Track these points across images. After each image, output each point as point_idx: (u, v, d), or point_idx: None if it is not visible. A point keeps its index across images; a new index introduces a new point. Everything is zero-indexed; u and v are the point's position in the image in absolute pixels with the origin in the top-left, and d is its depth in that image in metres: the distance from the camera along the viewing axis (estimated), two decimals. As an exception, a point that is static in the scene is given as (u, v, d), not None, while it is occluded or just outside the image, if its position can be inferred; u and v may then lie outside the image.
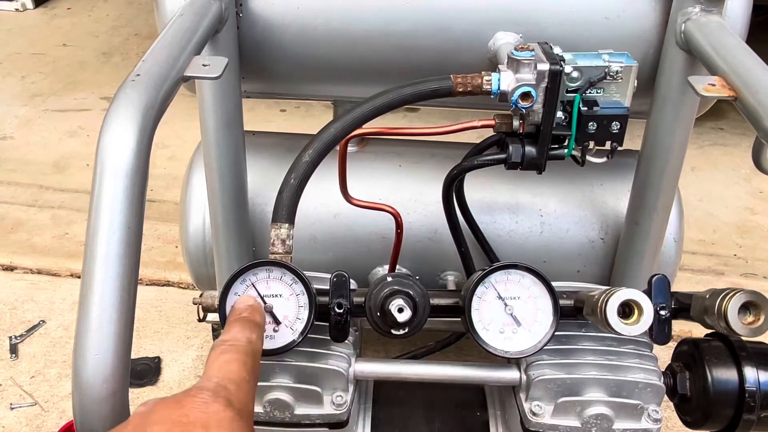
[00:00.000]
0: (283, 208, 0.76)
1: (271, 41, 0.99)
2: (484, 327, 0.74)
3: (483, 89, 0.79)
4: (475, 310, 0.74)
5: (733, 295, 0.66)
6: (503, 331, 0.75)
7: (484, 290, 0.74)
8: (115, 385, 0.54)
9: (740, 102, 0.70)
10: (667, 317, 0.73)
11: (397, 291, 0.73)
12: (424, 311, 0.74)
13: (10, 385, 1.60)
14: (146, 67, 0.66)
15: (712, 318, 0.69)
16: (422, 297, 0.74)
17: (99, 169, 0.57)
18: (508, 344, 0.75)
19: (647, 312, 0.67)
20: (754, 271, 2.00)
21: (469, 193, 1.04)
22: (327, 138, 0.78)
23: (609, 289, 0.69)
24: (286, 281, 0.72)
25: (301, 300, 0.73)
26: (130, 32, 3.46)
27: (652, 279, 0.74)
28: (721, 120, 2.69)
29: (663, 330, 0.73)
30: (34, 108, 2.78)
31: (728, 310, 0.66)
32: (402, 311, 0.72)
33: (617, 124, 0.79)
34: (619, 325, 0.67)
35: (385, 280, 0.75)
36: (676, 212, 1.14)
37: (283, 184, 0.76)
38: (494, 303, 0.74)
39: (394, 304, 0.72)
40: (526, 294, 0.74)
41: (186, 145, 2.14)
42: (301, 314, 0.73)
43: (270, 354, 0.73)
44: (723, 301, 0.67)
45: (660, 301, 0.73)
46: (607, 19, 0.95)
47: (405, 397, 0.96)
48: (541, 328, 0.74)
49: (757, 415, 0.77)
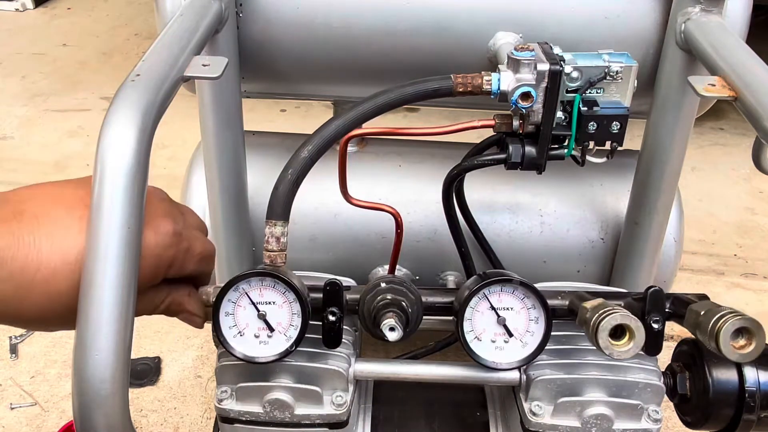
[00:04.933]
0: (279, 205, 0.74)
1: (271, 41, 0.99)
2: (476, 337, 0.74)
3: (483, 89, 0.79)
4: (468, 320, 0.74)
5: (729, 319, 0.64)
6: (495, 341, 0.75)
7: (477, 301, 0.74)
8: (115, 385, 0.54)
9: (740, 102, 0.70)
10: (660, 330, 0.72)
11: (389, 303, 0.73)
12: (417, 320, 0.74)
13: (10, 385, 1.60)
14: (146, 67, 0.66)
15: (703, 336, 0.67)
16: (415, 306, 0.74)
17: (99, 169, 0.57)
18: (499, 355, 0.75)
19: (639, 336, 0.67)
20: (754, 271, 2.00)
21: (469, 193, 1.04)
22: (327, 135, 0.77)
23: (603, 309, 0.68)
24: (279, 289, 0.72)
25: (295, 307, 0.72)
26: (130, 32, 3.47)
27: (647, 291, 0.73)
28: (721, 120, 2.69)
29: (655, 343, 0.72)
30: (34, 108, 2.78)
31: (720, 335, 0.64)
32: (393, 330, 0.72)
33: (617, 124, 0.79)
34: (610, 348, 0.67)
35: (379, 287, 0.75)
36: (676, 212, 1.14)
37: (278, 179, 0.75)
38: (486, 313, 0.74)
39: (385, 323, 0.72)
40: (519, 305, 0.74)
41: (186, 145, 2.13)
42: (295, 321, 0.73)
43: (267, 362, 0.73)
44: (717, 323, 0.65)
45: (654, 315, 0.72)
46: (607, 19, 0.95)
47: (405, 397, 0.96)
48: (533, 339, 0.74)
49: (757, 415, 0.77)
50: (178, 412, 1.54)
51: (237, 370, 0.78)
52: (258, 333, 0.73)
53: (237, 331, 0.73)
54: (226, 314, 0.72)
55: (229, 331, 0.73)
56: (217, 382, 0.79)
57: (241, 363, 0.76)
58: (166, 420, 1.52)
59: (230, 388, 0.79)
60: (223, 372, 0.78)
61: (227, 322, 0.73)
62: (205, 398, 1.57)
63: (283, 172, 0.75)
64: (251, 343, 0.73)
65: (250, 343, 0.73)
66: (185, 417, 1.53)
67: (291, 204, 0.75)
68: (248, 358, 0.73)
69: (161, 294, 0.67)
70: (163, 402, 1.56)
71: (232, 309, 0.72)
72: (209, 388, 1.59)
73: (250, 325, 0.73)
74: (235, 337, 0.73)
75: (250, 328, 0.73)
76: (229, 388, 0.79)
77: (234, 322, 0.73)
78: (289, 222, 0.75)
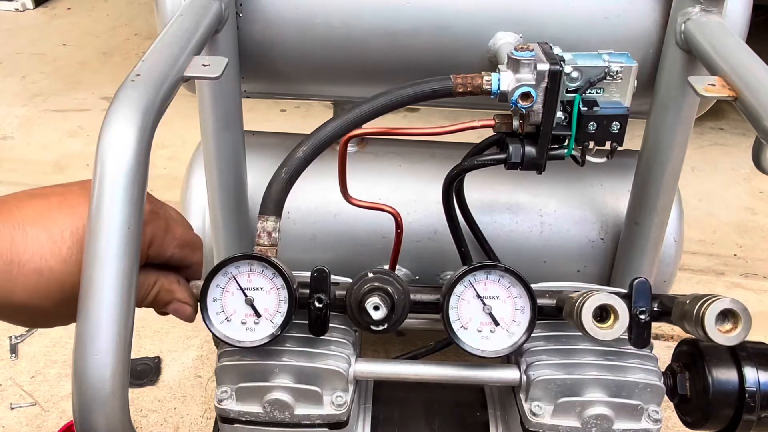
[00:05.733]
0: (271, 201, 0.76)
1: (271, 41, 0.99)
2: (462, 326, 0.75)
3: (483, 89, 0.79)
4: (453, 308, 0.74)
5: (712, 302, 0.64)
6: (481, 330, 0.75)
7: (463, 289, 0.74)
8: (115, 385, 0.54)
9: (740, 102, 0.70)
10: (647, 321, 0.72)
11: (375, 288, 0.73)
12: (404, 309, 0.74)
13: (10, 385, 1.60)
14: (146, 67, 0.66)
15: (690, 324, 0.67)
16: (402, 294, 0.74)
17: (99, 169, 0.57)
18: (485, 344, 0.75)
19: (623, 317, 0.67)
20: (754, 271, 2.00)
21: (469, 193, 1.04)
22: (323, 136, 0.78)
23: (587, 292, 0.69)
24: (267, 275, 0.73)
25: (282, 294, 0.73)
26: (130, 32, 3.46)
27: (633, 282, 0.72)
28: (721, 120, 2.69)
29: (641, 334, 0.72)
30: (34, 108, 2.78)
31: (705, 318, 0.64)
32: (378, 309, 0.72)
33: (617, 124, 0.79)
34: (594, 330, 0.67)
35: (366, 276, 0.75)
36: (676, 212, 1.14)
37: (273, 177, 0.76)
38: (473, 302, 0.74)
39: (370, 301, 0.72)
40: (505, 294, 0.74)
41: (186, 145, 2.13)
42: (282, 308, 0.73)
43: (253, 347, 0.74)
44: (701, 308, 0.65)
45: (640, 305, 0.71)
46: (607, 19, 0.95)
47: (405, 397, 0.96)
48: (518, 328, 0.75)
49: (757, 416, 0.77)
50: (178, 412, 1.54)
51: (237, 370, 0.78)
52: (245, 319, 0.74)
53: (224, 317, 0.73)
54: (213, 300, 0.73)
55: (216, 317, 0.73)
56: (217, 382, 0.79)
57: (241, 363, 0.77)
58: (166, 420, 1.52)
59: (230, 389, 0.79)
60: (223, 372, 0.79)
61: (215, 308, 0.73)
62: (205, 398, 1.57)
63: (277, 170, 0.76)
64: (238, 329, 0.74)
65: (237, 328, 0.74)
66: (185, 417, 1.53)
67: (284, 201, 0.76)
68: (234, 342, 0.73)
69: (149, 279, 0.69)
70: (163, 402, 1.56)
71: (220, 294, 0.73)
72: (209, 388, 1.59)
73: (237, 311, 0.73)
74: (222, 323, 0.74)
75: (237, 314, 0.74)
76: (229, 389, 0.79)
77: (221, 308, 0.73)
78: (281, 218, 0.76)
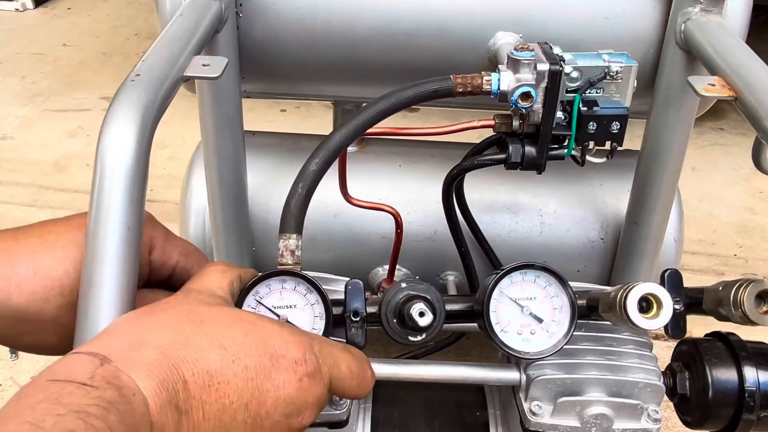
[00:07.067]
0: (291, 218, 0.74)
1: (271, 41, 0.99)
2: (503, 329, 0.74)
3: (483, 89, 0.79)
4: (493, 312, 0.73)
5: (748, 285, 0.68)
6: (521, 333, 0.74)
7: (501, 292, 0.73)
8: (115, 385, 0.54)
9: (740, 102, 0.70)
10: (682, 311, 0.73)
11: (415, 296, 0.72)
12: (442, 315, 0.74)
13: (10, 385, 1.60)
14: (146, 67, 0.66)
15: (727, 309, 0.70)
16: (439, 301, 0.73)
17: (99, 169, 0.57)
18: (527, 345, 0.74)
19: (666, 305, 0.67)
20: (754, 271, 2.00)
21: (469, 193, 1.04)
22: (332, 146, 0.77)
23: (626, 285, 0.69)
24: (300, 291, 0.71)
25: (317, 309, 0.71)
26: (130, 32, 3.47)
27: (665, 273, 0.74)
28: (721, 120, 2.69)
29: (678, 324, 0.73)
30: (34, 108, 2.79)
31: (744, 301, 0.68)
32: (423, 315, 0.70)
33: (617, 124, 0.79)
34: (640, 320, 0.67)
35: (400, 287, 0.74)
36: (676, 212, 1.14)
37: (290, 193, 0.75)
38: (511, 304, 0.73)
39: (414, 308, 0.71)
40: (543, 294, 0.74)
41: (186, 145, 2.13)
42: (317, 324, 0.71)
43: None
44: (738, 292, 0.69)
45: (674, 296, 0.72)
46: (607, 19, 0.95)
47: (405, 397, 0.96)
48: (558, 328, 0.74)
49: (756, 415, 0.77)
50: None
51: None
52: None
53: None
54: None
55: None
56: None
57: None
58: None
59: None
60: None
61: None
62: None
63: (293, 186, 0.75)
64: None
65: None
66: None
67: (303, 217, 0.75)
68: None
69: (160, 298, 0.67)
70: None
71: None
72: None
73: None
74: None
75: None
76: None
77: None
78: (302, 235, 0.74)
